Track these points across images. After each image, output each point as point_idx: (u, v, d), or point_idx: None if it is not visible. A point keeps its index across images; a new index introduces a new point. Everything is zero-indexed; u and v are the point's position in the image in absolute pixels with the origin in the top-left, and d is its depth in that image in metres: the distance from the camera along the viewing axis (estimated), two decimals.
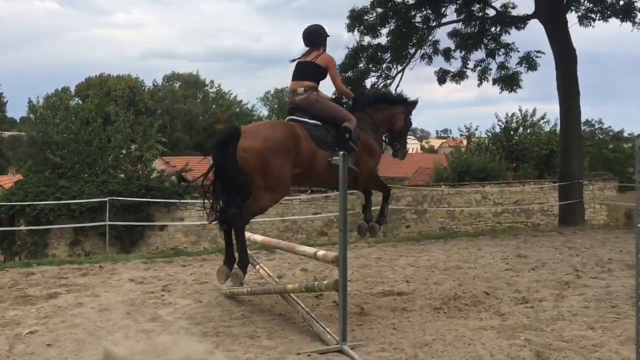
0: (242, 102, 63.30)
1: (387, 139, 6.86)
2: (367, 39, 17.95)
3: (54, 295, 6.90)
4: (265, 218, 14.93)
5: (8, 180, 27.96)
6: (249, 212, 5.46)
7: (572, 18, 16.88)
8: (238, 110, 60.58)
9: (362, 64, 18.09)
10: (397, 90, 17.15)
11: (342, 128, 5.87)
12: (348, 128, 5.87)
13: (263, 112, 63.96)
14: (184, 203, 17.39)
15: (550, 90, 17.70)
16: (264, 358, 4.68)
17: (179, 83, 60.51)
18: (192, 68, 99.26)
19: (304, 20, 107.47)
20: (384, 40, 18.07)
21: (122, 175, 18.49)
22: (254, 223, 15.46)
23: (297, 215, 17.86)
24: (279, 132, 5.57)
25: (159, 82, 60.26)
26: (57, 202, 16.02)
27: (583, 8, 16.82)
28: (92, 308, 6.28)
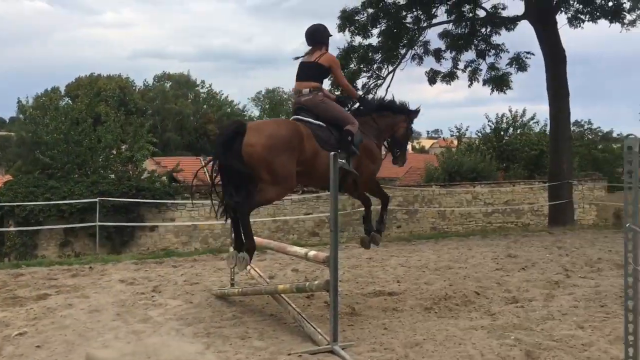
0: (233, 102, 63.22)
1: (388, 146, 6.95)
2: (358, 40, 18.06)
3: (44, 297, 6.85)
4: (257, 218, 14.91)
5: None
6: (254, 201, 5.51)
7: (561, 19, 17.06)
8: (229, 111, 60.41)
9: (353, 65, 18.12)
10: (387, 90, 17.41)
11: (344, 131, 5.93)
12: (350, 131, 5.93)
13: (254, 112, 63.79)
14: (175, 203, 17.37)
15: (540, 91, 17.92)
16: (255, 359, 4.67)
17: (170, 83, 60.20)
18: (182, 68, 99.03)
19: (295, 21, 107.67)
20: (375, 41, 18.19)
21: (112, 176, 18.41)
22: None
23: (288, 216, 17.86)
24: (284, 129, 5.62)
25: (150, 82, 60.07)
26: (46, 202, 15.92)
27: (572, 9, 16.99)
28: (81, 309, 6.24)
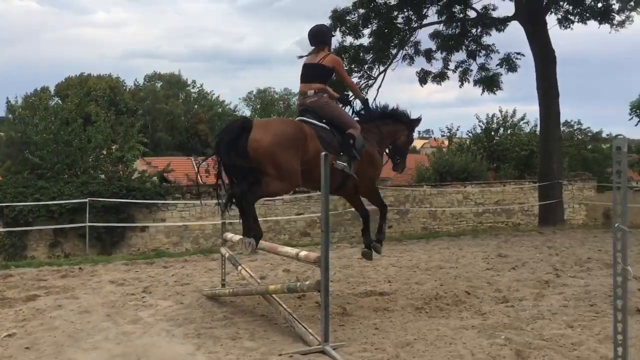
0: (224, 102, 63.12)
1: (389, 153, 7.00)
2: (349, 40, 18.05)
3: (33, 298, 6.81)
4: None
5: None
6: (259, 192, 5.54)
7: (551, 20, 17.15)
8: (220, 111, 60.29)
9: (344, 65, 18.11)
10: (379, 90, 17.46)
11: (346, 134, 6.00)
12: (352, 135, 5.99)
13: (246, 112, 63.66)
14: (166, 204, 17.31)
15: (530, 92, 18.02)
16: (246, 359, 4.66)
17: (161, 83, 59.99)
18: (173, 68, 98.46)
19: (286, 21, 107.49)
20: (366, 41, 18.20)
21: (102, 176, 18.31)
22: (237, 224, 15.42)
23: (279, 216, 17.84)
24: (290, 128, 5.69)
25: (140, 82, 59.77)
26: (36, 203, 15.82)
27: (562, 10, 17.07)
28: (71, 310, 6.20)
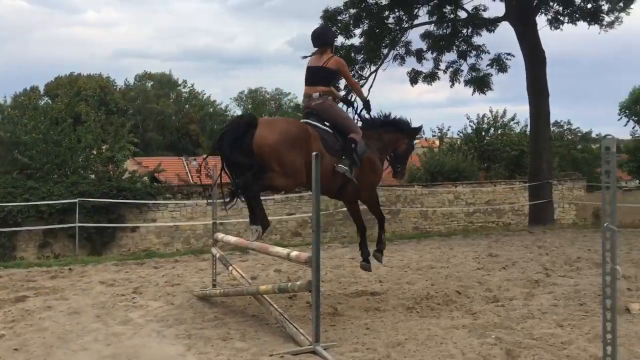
0: (215, 102, 62.95)
1: (390, 160, 7.05)
2: (340, 40, 18.05)
3: (22, 299, 6.77)
4: (239, 219, 14.85)
5: None
6: (263, 183, 5.58)
7: (541, 21, 17.25)
8: (211, 110, 60.16)
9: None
10: (370, 90, 17.47)
11: (348, 138, 6.07)
12: (354, 139, 6.06)
13: (237, 112, 63.47)
14: (157, 204, 17.25)
15: (521, 92, 18.06)
16: None
17: (152, 83, 59.72)
18: (164, 68, 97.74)
19: (277, 21, 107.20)
20: (357, 41, 18.25)
21: (92, 176, 18.18)
22: (228, 224, 15.41)
23: (270, 216, 17.70)
24: (294, 127, 5.79)
25: (131, 81, 59.47)
26: (25, 203, 15.70)
27: (552, 11, 17.18)
28: (61, 311, 6.17)
